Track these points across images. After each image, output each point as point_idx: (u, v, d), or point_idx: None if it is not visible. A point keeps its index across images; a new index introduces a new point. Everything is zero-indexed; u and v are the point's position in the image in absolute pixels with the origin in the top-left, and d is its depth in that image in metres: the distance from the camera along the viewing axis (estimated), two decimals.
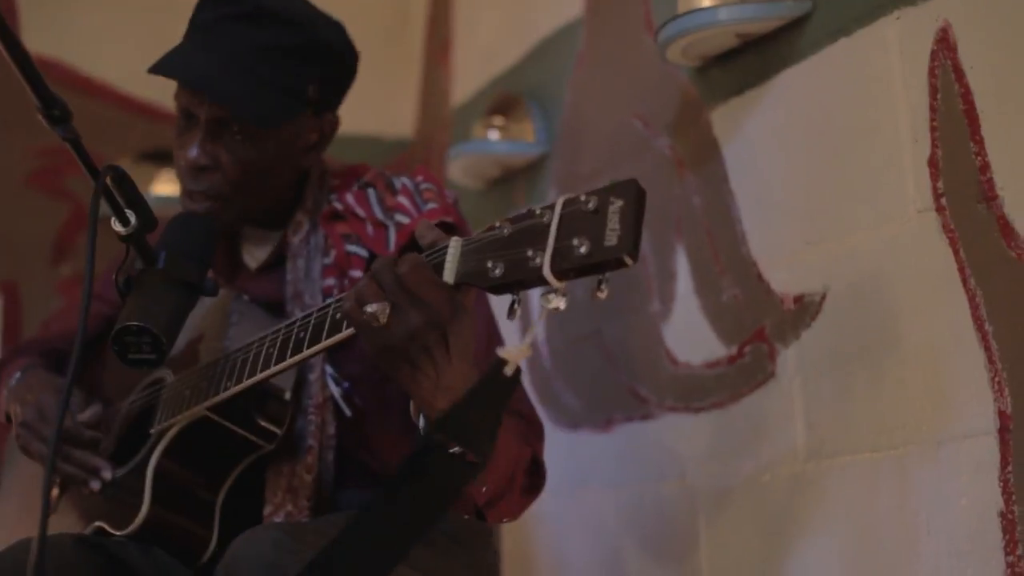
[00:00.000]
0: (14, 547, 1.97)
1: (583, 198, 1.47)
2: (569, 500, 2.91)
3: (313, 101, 2.16)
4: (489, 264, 1.54)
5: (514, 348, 1.50)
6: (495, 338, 2.15)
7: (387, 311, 1.61)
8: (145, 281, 1.84)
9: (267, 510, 2.07)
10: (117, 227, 1.79)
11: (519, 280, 1.51)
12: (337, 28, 2.19)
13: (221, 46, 2.09)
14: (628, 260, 1.43)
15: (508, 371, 1.49)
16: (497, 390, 1.52)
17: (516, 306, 1.55)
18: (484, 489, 1.85)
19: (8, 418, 2.23)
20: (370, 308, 1.61)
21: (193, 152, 2.11)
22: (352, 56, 2.21)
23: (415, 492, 1.55)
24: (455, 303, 1.60)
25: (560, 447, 2.88)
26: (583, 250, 1.45)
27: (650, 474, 2.68)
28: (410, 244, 2.07)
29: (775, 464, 2.32)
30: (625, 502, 2.76)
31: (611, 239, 1.43)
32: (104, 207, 1.70)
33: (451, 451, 1.52)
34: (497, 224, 1.55)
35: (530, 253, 1.49)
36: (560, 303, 1.48)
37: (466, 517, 2.00)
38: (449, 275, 1.59)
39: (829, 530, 2.19)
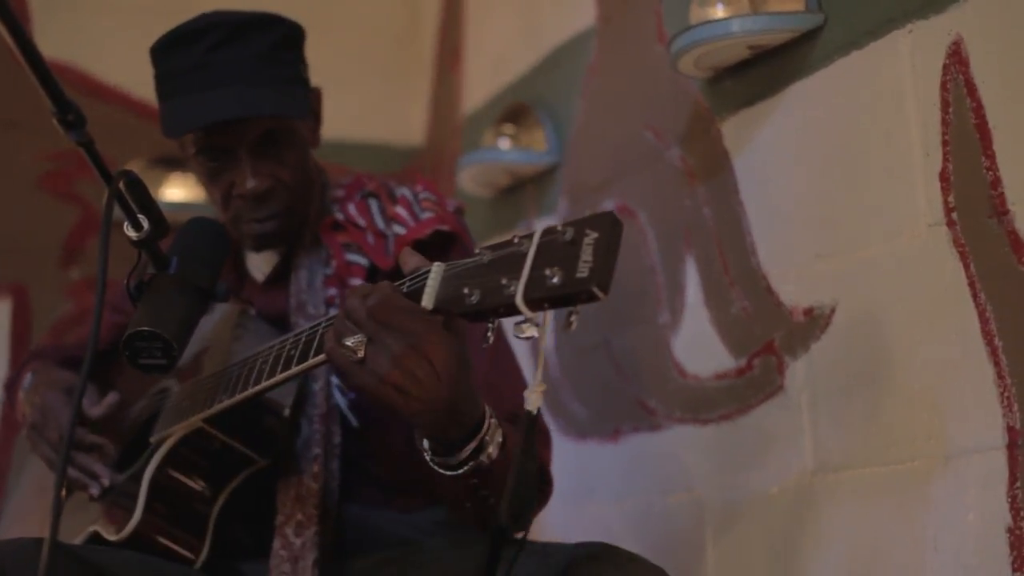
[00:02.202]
0: None
1: (560, 228, 1.48)
2: (575, 510, 2.91)
3: (306, 79, 2.23)
4: (466, 290, 1.55)
5: (533, 394, 1.56)
6: (508, 362, 2.15)
7: (363, 344, 1.62)
8: (157, 286, 1.84)
9: (279, 519, 2.07)
10: (129, 232, 1.79)
11: (493, 307, 1.52)
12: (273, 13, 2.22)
13: (228, 73, 2.10)
14: (598, 293, 1.43)
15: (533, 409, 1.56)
16: (534, 435, 1.57)
17: (490, 334, 1.56)
18: (491, 502, 1.85)
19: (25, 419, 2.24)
20: (348, 342, 1.63)
21: (251, 183, 2.13)
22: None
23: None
24: (434, 327, 1.61)
25: (567, 457, 2.88)
26: (555, 280, 1.45)
27: (657, 486, 2.68)
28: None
29: (783, 477, 2.31)
30: (632, 513, 2.75)
31: (583, 271, 1.44)
32: (116, 212, 1.70)
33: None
34: (478, 251, 1.56)
35: (504, 281, 1.50)
36: (533, 332, 1.50)
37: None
38: (428, 300, 1.60)
39: (836, 544, 2.19)
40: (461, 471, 1.71)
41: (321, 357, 1.76)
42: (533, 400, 1.55)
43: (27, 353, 2.82)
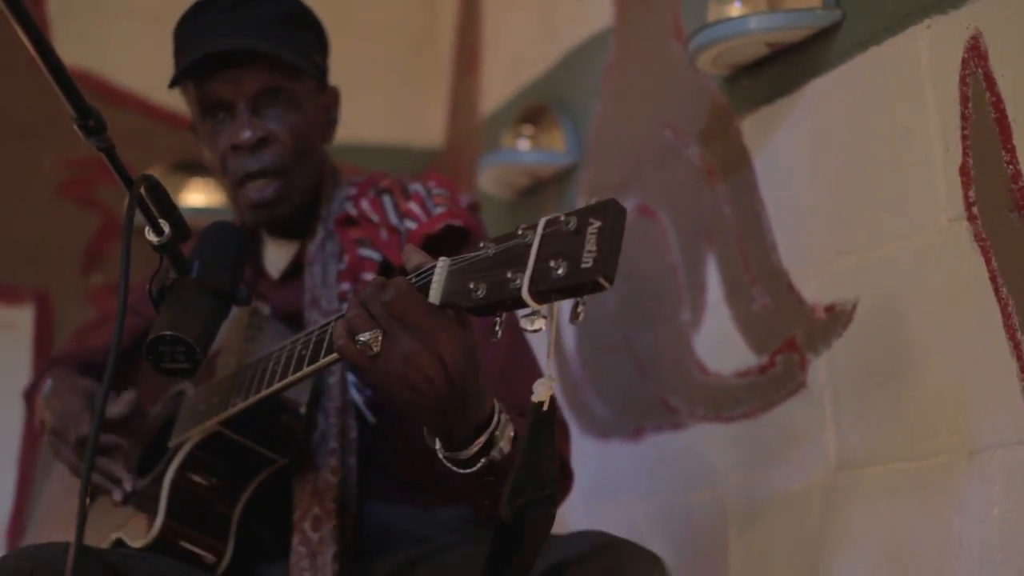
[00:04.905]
0: (15, 554, 1.95)
1: (563, 218, 1.46)
2: (599, 509, 2.91)
3: (318, 68, 2.26)
4: (472, 285, 1.53)
5: (541, 385, 1.52)
6: (524, 356, 2.15)
7: (379, 339, 1.61)
8: (178, 290, 1.85)
9: (296, 515, 2.08)
10: (151, 236, 1.80)
11: (500, 301, 1.51)
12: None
13: (241, 20, 2.16)
14: (604, 283, 1.41)
15: (545, 406, 1.52)
16: (542, 428, 1.54)
17: (498, 328, 1.55)
18: None
19: (44, 425, 2.24)
20: (362, 338, 1.61)
21: (246, 133, 2.16)
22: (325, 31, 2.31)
23: (520, 548, 1.58)
24: (447, 324, 1.60)
25: (590, 456, 2.88)
26: (560, 272, 1.43)
27: (680, 484, 2.67)
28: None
29: (806, 474, 2.31)
30: (655, 512, 2.75)
31: (587, 261, 1.41)
32: (138, 217, 1.71)
33: (537, 498, 1.54)
34: (482, 245, 1.55)
35: (510, 275, 1.48)
36: (541, 325, 1.47)
37: None
38: (435, 296, 1.59)
39: (860, 540, 2.18)
40: (474, 468, 1.71)
41: (332, 356, 1.76)
42: (541, 391, 1.53)
43: (49, 359, 2.84)
